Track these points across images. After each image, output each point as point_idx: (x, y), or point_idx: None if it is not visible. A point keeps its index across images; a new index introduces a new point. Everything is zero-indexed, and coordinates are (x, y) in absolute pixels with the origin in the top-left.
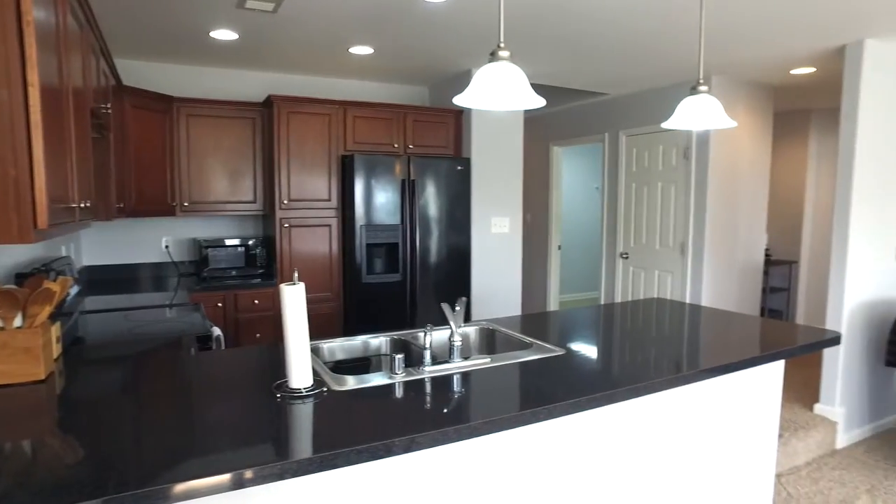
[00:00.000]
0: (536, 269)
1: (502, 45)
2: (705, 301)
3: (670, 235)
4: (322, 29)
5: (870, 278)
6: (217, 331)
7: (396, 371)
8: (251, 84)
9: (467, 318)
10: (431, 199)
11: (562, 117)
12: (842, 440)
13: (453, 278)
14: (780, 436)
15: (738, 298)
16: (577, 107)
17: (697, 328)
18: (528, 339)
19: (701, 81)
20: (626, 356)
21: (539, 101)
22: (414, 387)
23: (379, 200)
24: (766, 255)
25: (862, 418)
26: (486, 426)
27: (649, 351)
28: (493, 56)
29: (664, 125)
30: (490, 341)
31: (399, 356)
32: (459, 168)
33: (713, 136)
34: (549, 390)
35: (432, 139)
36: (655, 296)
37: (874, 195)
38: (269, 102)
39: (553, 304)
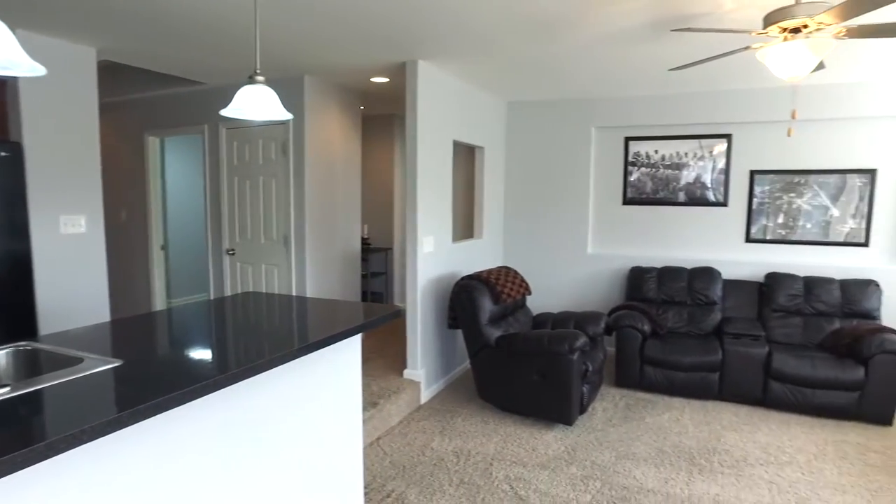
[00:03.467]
0: (138, 271)
1: (258, 70)
2: (310, 291)
3: (274, 229)
4: None
5: (436, 258)
6: None
7: None
8: None
9: (31, 335)
10: None
11: (158, 104)
12: (424, 396)
13: (7, 290)
14: (377, 403)
15: (341, 285)
16: (174, 94)
17: (277, 317)
18: (80, 355)
19: (258, 71)
20: (192, 357)
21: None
22: None
23: None
24: (366, 243)
25: (437, 375)
26: None
27: (224, 346)
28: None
29: (222, 112)
30: (31, 364)
31: None
32: (4, 154)
33: (308, 133)
34: (76, 414)
35: None
36: (264, 290)
37: (433, 187)
38: None
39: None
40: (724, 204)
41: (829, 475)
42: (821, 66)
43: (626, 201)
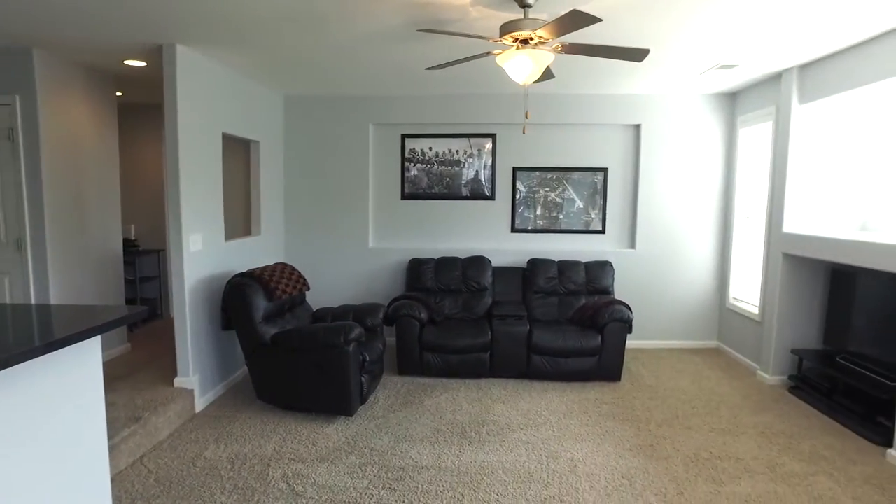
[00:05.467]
0: None
1: None
2: (55, 299)
3: (3, 231)
4: None
5: (207, 257)
6: None
7: None
8: None
9: None
10: None
11: None
12: (200, 404)
13: None
14: (140, 418)
15: (96, 292)
16: None
17: None
18: None
19: None
20: None
21: None
22: None
23: None
24: (133, 245)
25: (215, 380)
26: None
27: None
28: None
29: None
30: None
31: None
32: None
33: (43, 118)
34: None
35: None
36: None
37: (200, 181)
38: None
39: None
40: (492, 198)
41: (573, 429)
42: (550, 74)
43: (405, 196)
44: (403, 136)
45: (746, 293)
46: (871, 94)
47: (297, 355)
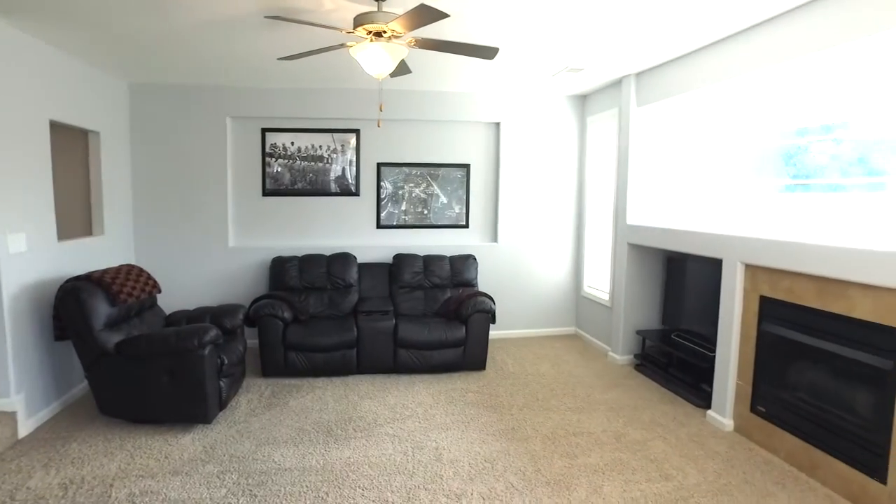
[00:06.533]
0: None
1: None
2: None
3: None
4: None
5: (34, 260)
6: None
7: None
8: None
9: None
10: None
11: None
12: (27, 427)
13: None
14: None
15: None
16: None
17: None
18: None
19: None
20: None
21: None
22: None
23: None
24: None
25: (48, 398)
26: None
27: None
28: None
29: None
30: None
31: None
32: None
33: None
34: None
35: None
36: None
37: (20, 174)
38: None
39: None
40: (357, 194)
41: (439, 418)
42: (406, 69)
43: (266, 192)
44: (264, 131)
45: (599, 282)
46: (695, 99)
47: (146, 362)
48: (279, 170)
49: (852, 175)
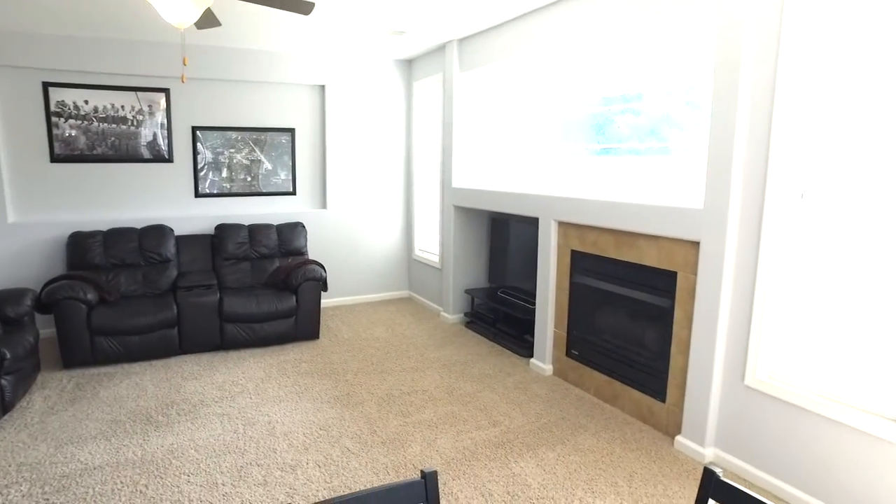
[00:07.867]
0: None
1: None
2: None
3: None
4: None
5: None
6: None
7: None
8: None
9: None
10: None
11: None
12: None
13: None
14: None
15: None
16: None
17: None
18: None
19: None
20: None
21: None
22: None
23: None
24: None
25: None
26: None
27: None
28: None
29: None
30: None
31: None
32: None
33: None
34: None
35: None
36: None
37: None
38: None
39: None
40: (171, 160)
41: (272, 391)
42: (215, 22)
43: (55, 159)
44: (46, 85)
45: (429, 245)
46: (514, 66)
47: None
48: (73, 132)
49: (647, 142)
